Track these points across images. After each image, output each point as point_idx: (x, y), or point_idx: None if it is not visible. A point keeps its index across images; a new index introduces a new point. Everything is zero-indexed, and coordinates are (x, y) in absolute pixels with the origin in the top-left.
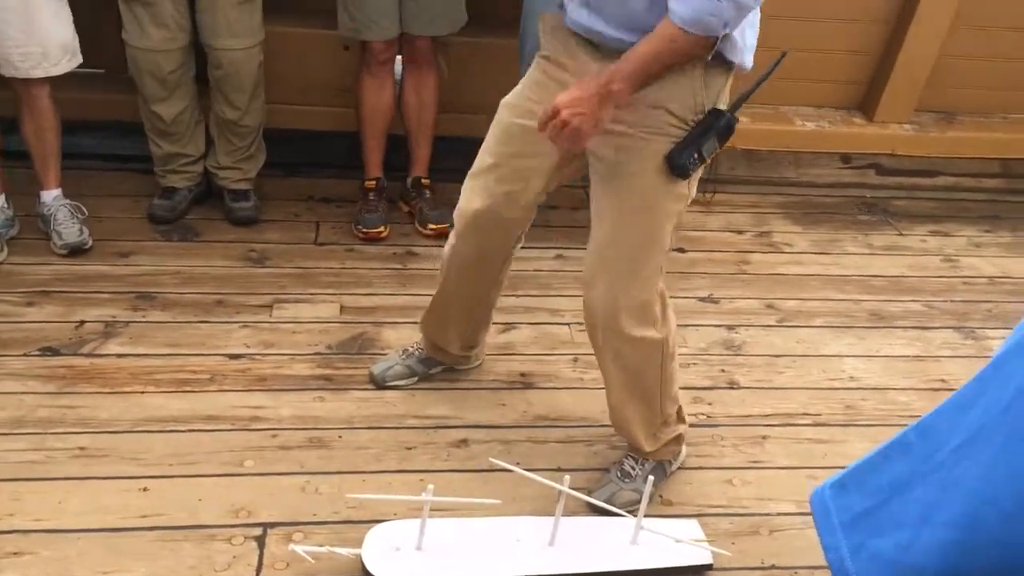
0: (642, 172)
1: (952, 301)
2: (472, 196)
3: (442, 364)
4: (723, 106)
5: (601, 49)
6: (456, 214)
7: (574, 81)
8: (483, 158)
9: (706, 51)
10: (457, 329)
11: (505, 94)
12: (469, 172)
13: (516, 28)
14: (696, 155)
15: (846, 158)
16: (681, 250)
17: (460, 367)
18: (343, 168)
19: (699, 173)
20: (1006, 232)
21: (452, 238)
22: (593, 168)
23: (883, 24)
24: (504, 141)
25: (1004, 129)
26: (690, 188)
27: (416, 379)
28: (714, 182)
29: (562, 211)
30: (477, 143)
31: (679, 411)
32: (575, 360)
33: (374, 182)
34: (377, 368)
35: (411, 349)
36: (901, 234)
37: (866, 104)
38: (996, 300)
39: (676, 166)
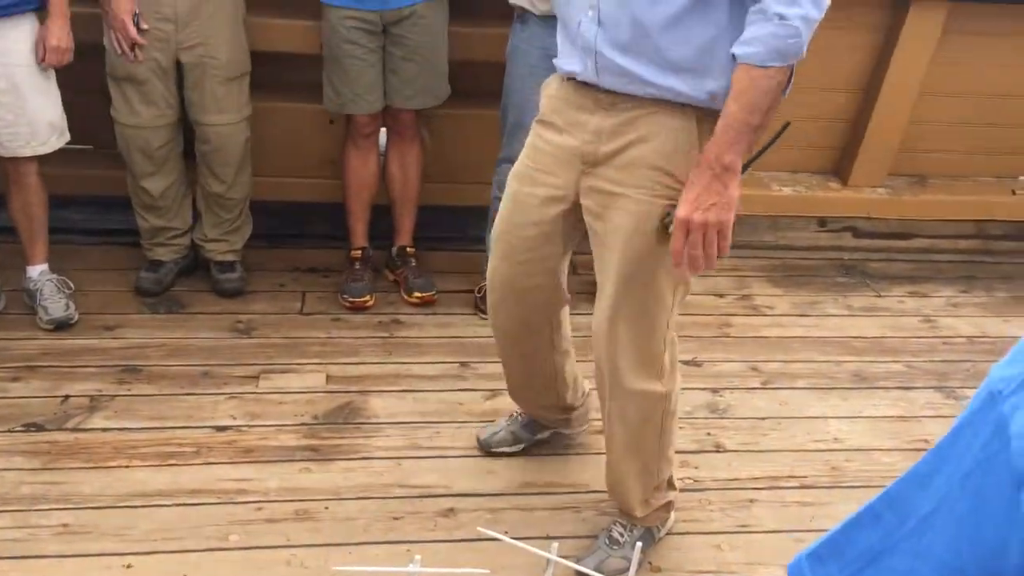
0: (642, 233)
1: (932, 361)
2: (492, 268)
3: (547, 428)
4: None
5: (607, 101)
6: (486, 288)
7: (565, 137)
8: (497, 228)
9: (787, 81)
10: (537, 399)
11: (488, 164)
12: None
13: (497, 100)
14: None
15: (823, 222)
16: None
17: (566, 430)
18: (329, 238)
19: None
20: (982, 292)
21: (488, 313)
22: (592, 231)
23: (855, 92)
24: (513, 210)
25: (975, 192)
26: None
27: (522, 445)
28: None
29: None
30: (461, 212)
31: (671, 478)
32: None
33: (360, 252)
34: (484, 433)
35: (516, 414)
36: (880, 295)
37: (841, 169)
38: (975, 360)
39: (668, 228)
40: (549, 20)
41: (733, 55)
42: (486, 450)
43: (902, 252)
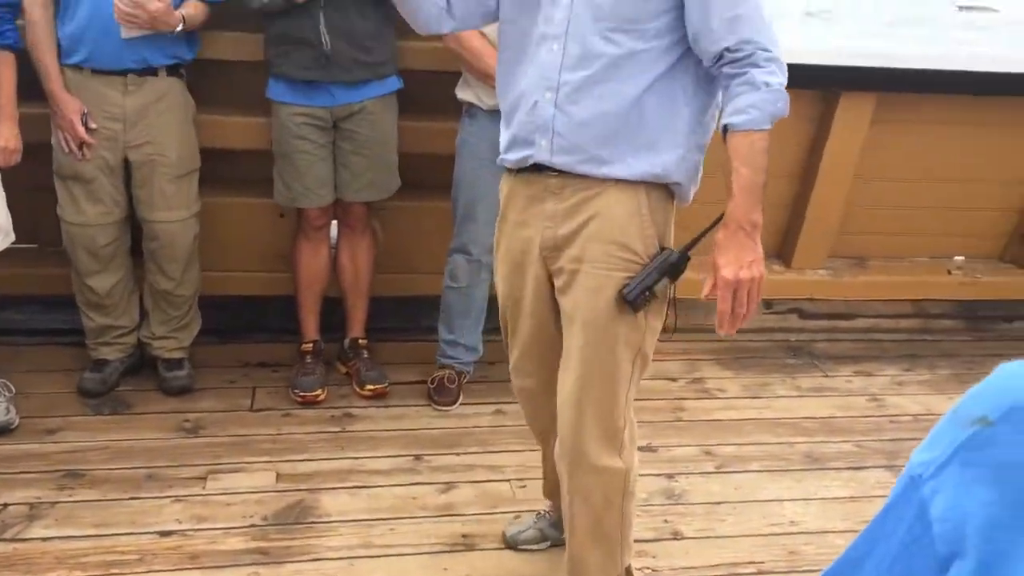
0: (600, 307)
1: (881, 440)
2: (512, 374)
3: None
4: (670, 241)
5: (557, 185)
6: (512, 380)
7: (526, 229)
8: (502, 318)
9: None
10: None
11: (439, 254)
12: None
13: (447, 191)
14: (647, 291)
15: (769, 304)
16: None
17: None
18: (279, 332)
19: (661, 304)
20: (925, 370)
21: (519, 398)
22: (561, 308)
23: (793, 178)
24: (507, 295)
25: (912, 272)
26: (647, 320)
27: (548, 544)
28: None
29: (500, 365)
30: (414, 302)
31: (630, 567)
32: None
33: (311, 345)
34: (510, 531)
35: (544, 511)
36: (827, 375)
37: (784, 252)
38: (922, 438)
39: (628, 302)
40: (496, 114)
41: (727, 125)
42: (512, 547)
43: (846, 332)
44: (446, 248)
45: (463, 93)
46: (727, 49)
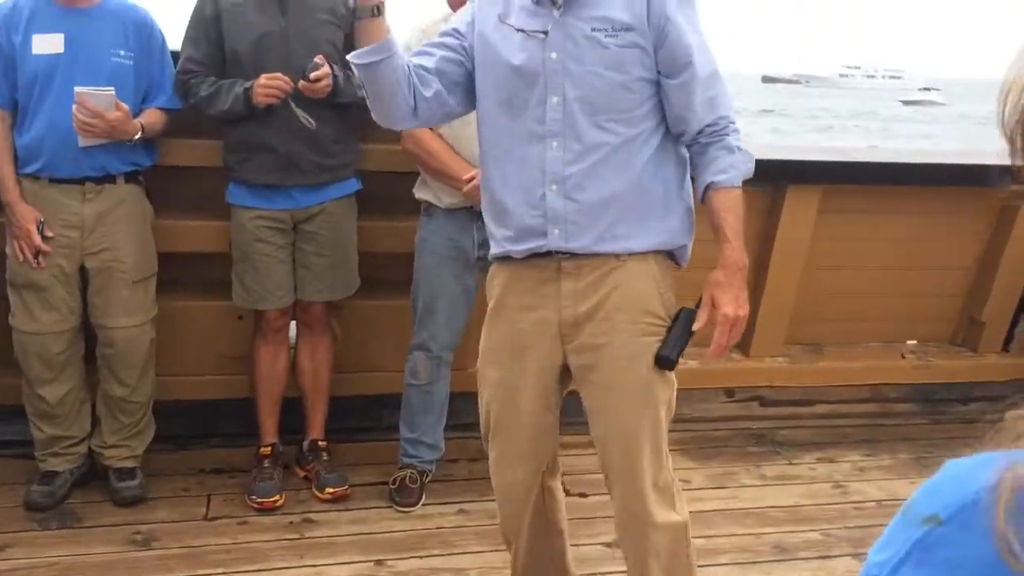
0: (638, 375)
1: (847, 528)
2: (496, 467)
3: None
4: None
5: (571, 266)
6: (496, 501)
7: (538, 312)
8: (491, 423)
9: None
10: None
11: (399, 351)
12: None
13: (407, 289)
14: (681, 347)
15: (730, 392)
16: (583, 495)
17: None
18: (235, 436)
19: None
20: (885, 455)
21: (501, 523)
22: (587, 383)
23: (747, 269)
24: (504, 399)
25: (868, 357)
26: (673, 375)
27: None
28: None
29: (463, 463)
30: (373, 402)
31: None
32: None
33: (269, 448)
34: None
35: None
36: (791, 463)
37: (742, 341)
38: (887, 524)
39: (664, 360)
40: (454, 212)
41: (712, 183)
42: None
43: (807, 418)
44: (406, 346)
45: (421, 193)
46: (707, 124)
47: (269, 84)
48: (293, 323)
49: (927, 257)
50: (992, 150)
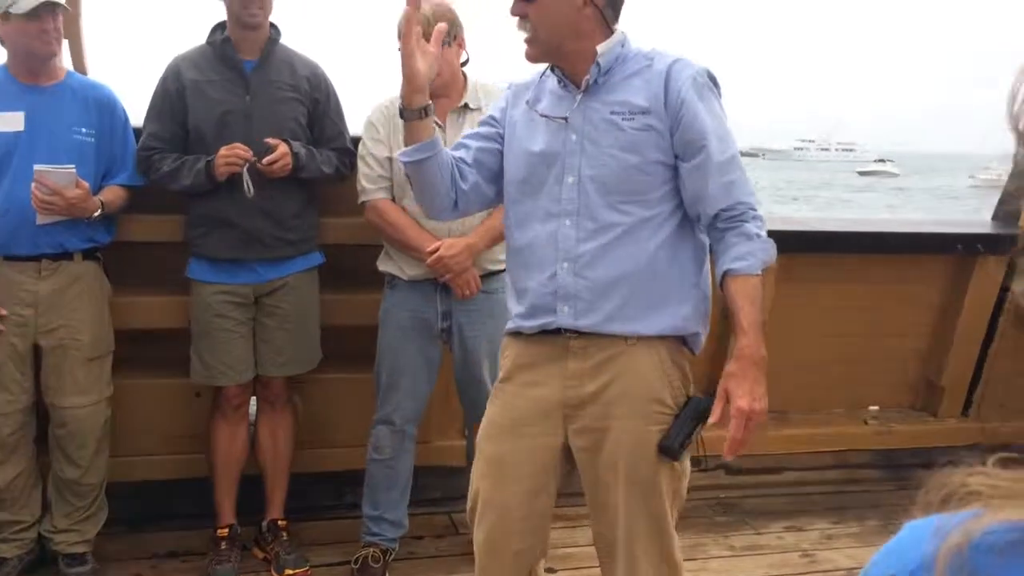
0: (641, 463)
1: None
2: (481, 541)
3: None
4: (691, 387)
5: (578, 345)
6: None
7: (543, 388)
8: (482, 498)
9: None
10: None
11: (362, 426)
12: None
13: (370, 362)
14: (686, 438)
15: (696, 461)
16: (551, 570)
17: None
18: (191, 518)
19: (692, 447)
20: (853, 522)
21: None
22: (588, 467)
23: (710, 339)
24: (499, 475)
25: (832, 424)
26: (683, 465)
27: None
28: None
29: (427, 540)
30: (336, 478)
31: None
32: None
33: (227, 530)
34: None
35: None
36: (759, 532)
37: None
38: None
39: (667, 450)
40: (418, 284)
41: (729, 270)
42: None
43: (774, 487)
44: (369, 420)
45: (384, 265)
46: (723, 209)
47: (228, 155)
48: (253, 399)
49: (885, 323)
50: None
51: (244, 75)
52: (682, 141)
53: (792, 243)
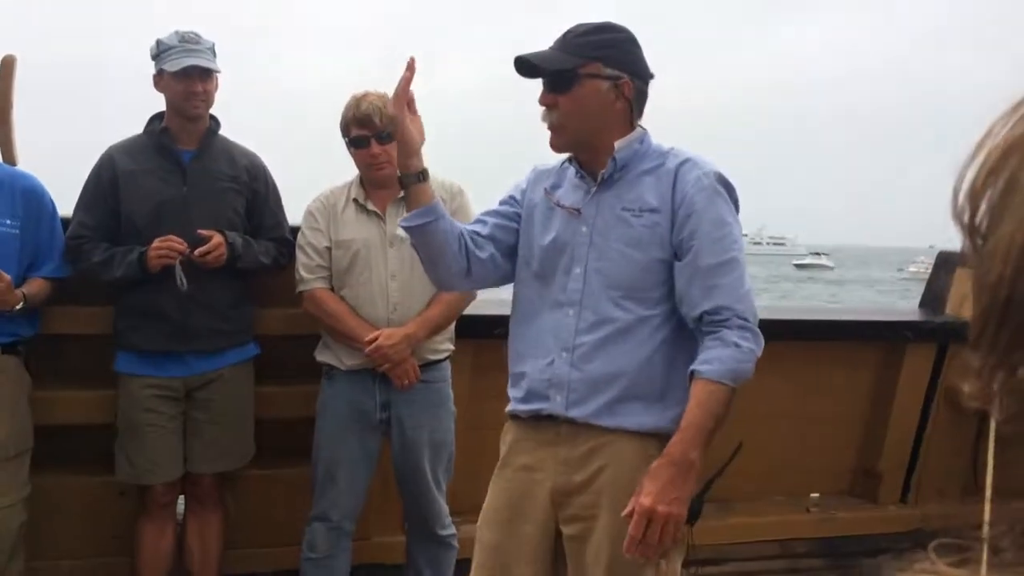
0: (625, 557)
1: None
2: None
3: None
4: None
5: (568, 433)
6: None
7: (537, 474)
8: None
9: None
10: None
11: (296, 524)
12: None
13: (305, 457)
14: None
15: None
16: None
17: None
18: None
19: (681, 546)
20: None
21: None
22: (576, 554)
23: None
24: (495, 564)
25: (774, 512)
26: (668, 564)
27: None
28: (700, 562)
29: None
30: None
31: None
32: None
33: None
34: None
35: None
36: None
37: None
38: None
39: None
40: (356, 374)
41: (693, 371)
42: None
43: None
44: (304, 517)
45: (322, 355)
46: (705, 312)
47: (161, 247)
48: (181, 497)
49: (821, 410)
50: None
51: (182, 165)
52: (678, 239)
53: None
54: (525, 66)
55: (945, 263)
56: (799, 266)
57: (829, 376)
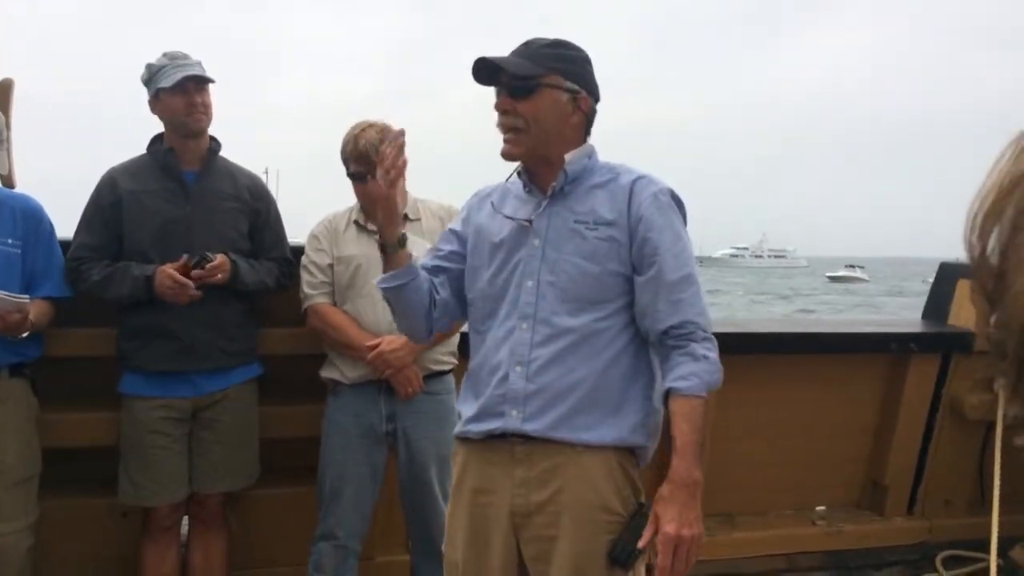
0: (589, 570)
1: None
2: None
3: None
4: (642, 494)
5: (523, 452)
6: None
7: (492, 496)
8: None
9: None
10: None
11: (302, 543)
12: None
13: (311, 476)
14: (636, 547)
15: (649, 569)
16: None
17: None
18: None
19: (644, 554)
20: None
21: None
22: (535, 572)
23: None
24: None
25: (780, 525)
26: (634, 573)
27: None
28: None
29: None
30: None
31: None
32: None
33: None
34: None
35: None
36: None
37: None
38: None
39: (619, 560)
40: (360, 387)
41: (671, 389)
42: None
43: None
44: (310, 536)
45: (327, 372)
46: (671, 327)
47: (175, 287)
48: (185, 519)
49: (827, 423)
50: (880, 319)
51: (185, 185)
52: (638, 255)
53: (732, 344)
54: (483, 72)
55: (947, 274)
56: (832, 278)
57: (834, 389)
